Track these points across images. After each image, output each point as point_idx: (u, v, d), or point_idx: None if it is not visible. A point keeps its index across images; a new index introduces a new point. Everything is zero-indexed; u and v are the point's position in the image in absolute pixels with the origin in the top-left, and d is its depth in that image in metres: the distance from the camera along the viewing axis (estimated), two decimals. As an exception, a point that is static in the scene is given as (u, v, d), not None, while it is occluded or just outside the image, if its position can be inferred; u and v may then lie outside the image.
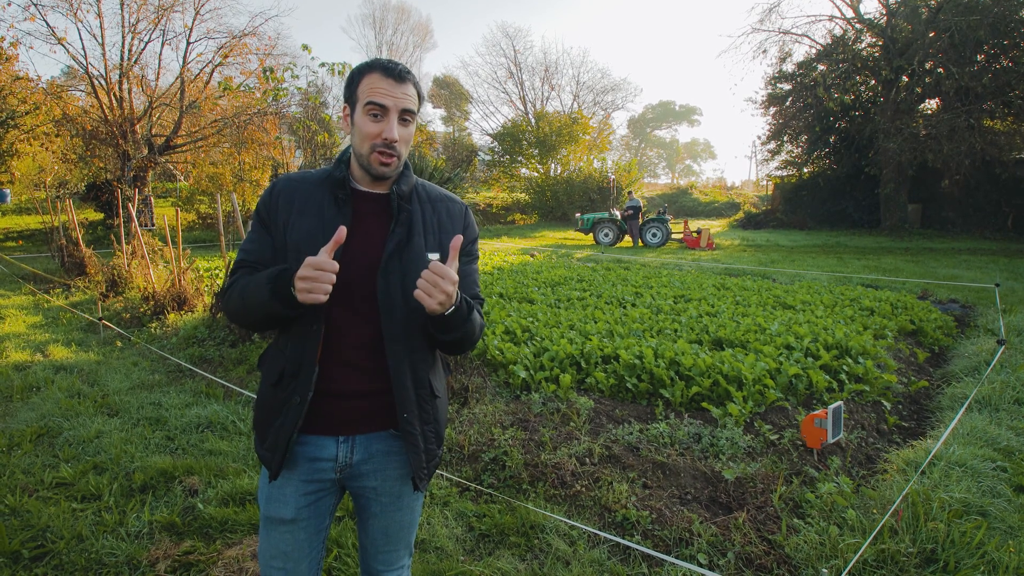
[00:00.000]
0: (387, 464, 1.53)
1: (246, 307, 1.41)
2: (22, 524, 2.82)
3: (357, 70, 1.43)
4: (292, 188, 1.50)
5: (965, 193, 21.67)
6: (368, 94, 1.38)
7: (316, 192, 1.48)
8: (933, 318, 6.81)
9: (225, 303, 1.51)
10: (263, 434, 1.50)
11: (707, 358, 4.44)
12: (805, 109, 23.83)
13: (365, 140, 1.41)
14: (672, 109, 74.60)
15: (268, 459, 1.48)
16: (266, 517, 1.51)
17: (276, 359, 1.49)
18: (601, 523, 2.80)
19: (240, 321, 1.48)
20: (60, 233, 11.72)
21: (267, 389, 1.50)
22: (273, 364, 1.50)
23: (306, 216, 1.46)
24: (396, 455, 1.53)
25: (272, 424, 1.47)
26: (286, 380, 1.45)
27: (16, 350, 5.93)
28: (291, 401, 1.43)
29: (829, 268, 12.16)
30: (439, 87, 49.21)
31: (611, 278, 9.71)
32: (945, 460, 3.24)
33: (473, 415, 3.84)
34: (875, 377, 4.48)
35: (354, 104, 1.42)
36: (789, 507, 2.88)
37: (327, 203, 1.46)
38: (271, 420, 1.47)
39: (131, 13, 18.67)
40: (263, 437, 1.50)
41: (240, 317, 1.46)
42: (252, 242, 1.51)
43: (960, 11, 18.20)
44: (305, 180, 1.52)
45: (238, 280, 1.47)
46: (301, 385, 1.42)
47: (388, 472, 1.54)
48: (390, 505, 1.57)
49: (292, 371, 1.44)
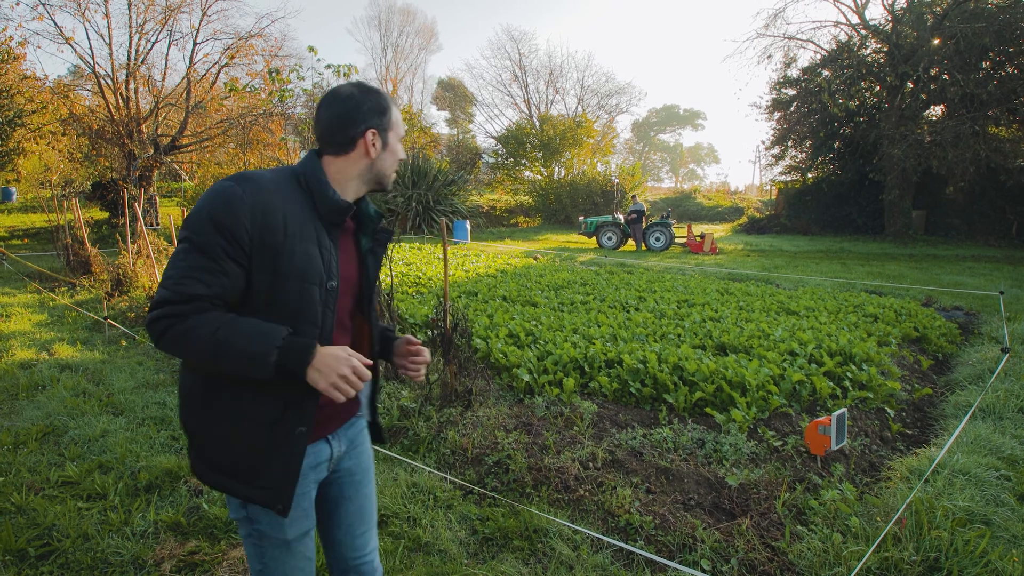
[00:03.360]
0: (359, 442, 1.65)
1: (218, 355, 1.27)
2: (28, 522, 2.83)
3: (387, 102, 1.49)
4: (267, 200, 1.33)
5: (969, 200, 21.63)
6: (399, 126, 1.52)
7: (297, 208, 1.38)
8: (937, 325, 6.80)
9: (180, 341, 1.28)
10: (254, 476, 1.39)
11: (711, 363, 4.45)
12: (810, 114, 23.82)
13: (396, 163, 1.54)
14: (676, 113, 74.67)
15: (272, 497, 1.39)
16: (290, 540, 1.47)
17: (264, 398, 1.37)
18: (605, 528, 2.81)
19: (192, 361, 1.35)
20: (66, 232, 11.76)
21: (256, 430, 1.38)
22: (261, 404, 1.37)
23: (305, 241, 1.36)
24: (361, 430, 1.67)
25: (271, 463, 1.38)
26: (290, 414, 1.38)
27: (22, 348, 5.96)
28: (295, 433, 1.38)
29: (833, 274, 12.14)
30: (444, 89, 49.34)
31: (614, 282, 9.72)
32: (949, 468, 3.24)
33: (477, 418, 3.85)
34: (879, 384, 4.48)
35: (386, 131, 1.49)
36: (792, 514, 2.88)
37: (316, 226, 1.40)
38: (268, 460, 1.38)
39: (138, 13, 18.77)
40: (254, 478, 1.39)
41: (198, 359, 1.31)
42: (210, 273, 1.28)
43: (966, 18, 18.19)
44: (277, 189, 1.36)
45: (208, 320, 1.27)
46: (307, 414, 1.39)
47: (361, 449, 1.66)
48: (363, 479, 1.66)
49: (296, 402, 1.38)
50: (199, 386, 1.40)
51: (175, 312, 1.27)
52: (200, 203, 1.32)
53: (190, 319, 1.27)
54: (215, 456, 1.41)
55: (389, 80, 45.38)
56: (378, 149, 1.47)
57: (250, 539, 1.49)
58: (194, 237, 1.29)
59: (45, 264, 12.19)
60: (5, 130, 16.23)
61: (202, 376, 1.39)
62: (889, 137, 20.02)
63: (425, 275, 10.11)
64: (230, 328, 1.27)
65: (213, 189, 1.33)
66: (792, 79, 24.40)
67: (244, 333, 1.27)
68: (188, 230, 1.30)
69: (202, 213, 1.30)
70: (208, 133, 19.88)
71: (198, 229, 1.29)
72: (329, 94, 1.48)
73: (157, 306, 1.28)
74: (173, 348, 1.30)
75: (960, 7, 18.80)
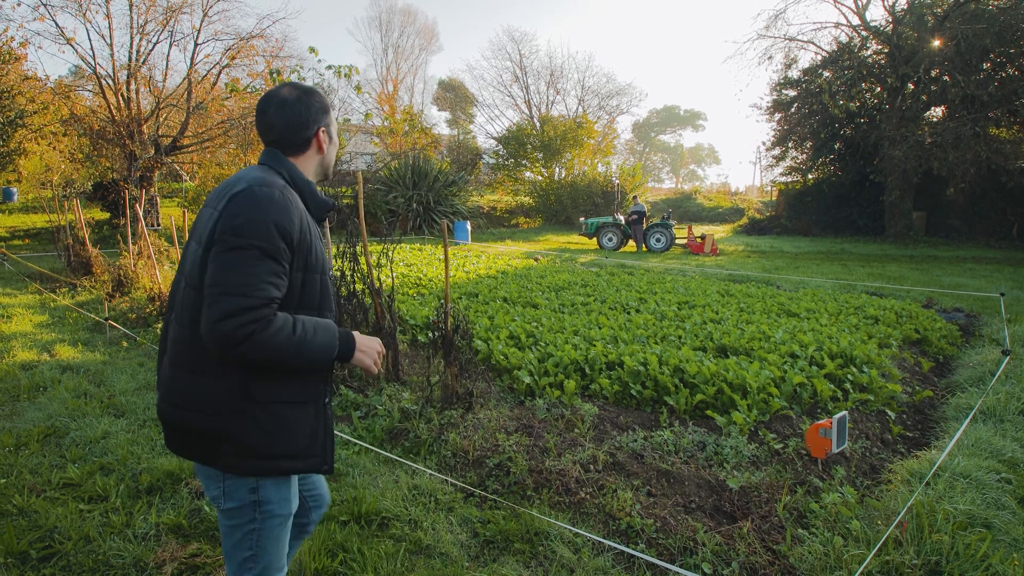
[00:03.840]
0: None
1: (300, 352, 1.43)
2: (30, 524, 2.84)
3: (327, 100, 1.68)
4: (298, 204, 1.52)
5: (970, 201, 21.64)
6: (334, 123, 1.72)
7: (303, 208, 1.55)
8: (938, 327, 6.80)
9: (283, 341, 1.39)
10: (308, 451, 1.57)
11: (711, 366, 4.45)
12: (810, 115, 23.83)
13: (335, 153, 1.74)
14: (677, 114, 74.69)
15: (320, 462, 1.61)
16: (287, 514, 1.63)
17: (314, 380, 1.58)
18: (606, 531, 2.81)
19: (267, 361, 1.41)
20: (67, 232, 11.78)
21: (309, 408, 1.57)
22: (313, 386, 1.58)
23: (315, 238, 1.53)
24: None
25: (319, 433, 1.60)
26: (325, 389, 1.62)
27: (23, 349, 5.96)
28: (328, 404, 1.64)
29: (833, 275, 12.14)
30: (444, 90, 49.34)
31: (615, 283, 9.72)
32: (950, 471, 3.23)
33: (478, 420, 3.85)
34: (880, 387, 4.48)
35: (330, 126, 1.68)
36: (793, 517, 2.88)
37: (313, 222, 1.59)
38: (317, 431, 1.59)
39: (140, 14, 18.79)
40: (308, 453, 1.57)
41: (277, 359, 1.41)
42: (280, 277, 1.42)
43: (966, 19, 18.19)
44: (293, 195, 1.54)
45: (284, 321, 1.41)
46: (329, 387, 1.66)
47: None
48: None
49: (327, 379, 1.63)
50: (235, 386, 1.46)
51: (259, 317, 1.36)
52: (256, 211, 1.40)
53: (273, 322, 1.38)
54: (270, 444, 1.50)
55: (390, 80, 45.39)
56: (327, 144, 1.67)
57: (250, 524, 1.56)
58: (264, 245, 1.38)
59: (46, 265, 12.20)
60: (6, 131, 16.24)
61: (238, 376, 1.46)
62: (890, 138, 20.03)
63: (426, 276, 10.12)
64: (303, 327, 1.44)
65: (263, 196, 1.42)
66: (793, 80, 24.41)
67: (314, 329, 1.46)
68: (254, 238, 1.38)
69: (265, 222, 1.39)
70: (209, 134, 19.89)
71: (266, 237, 1.39)
72: (276, 100, 1.58)
73: (237, 313, 1.33)
74: (256, 351, 1.37)
75: (961, 8, 18.81)
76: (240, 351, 1.35)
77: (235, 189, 1.46)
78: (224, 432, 1.47)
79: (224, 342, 1.34)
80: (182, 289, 1.53)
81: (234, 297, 1.34)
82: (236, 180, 1.51)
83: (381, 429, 3.87)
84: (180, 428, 1.52)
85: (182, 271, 1.57)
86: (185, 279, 1.53)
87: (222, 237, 1.39)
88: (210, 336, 1.35)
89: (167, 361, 1.55)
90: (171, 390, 1.53)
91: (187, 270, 1.53)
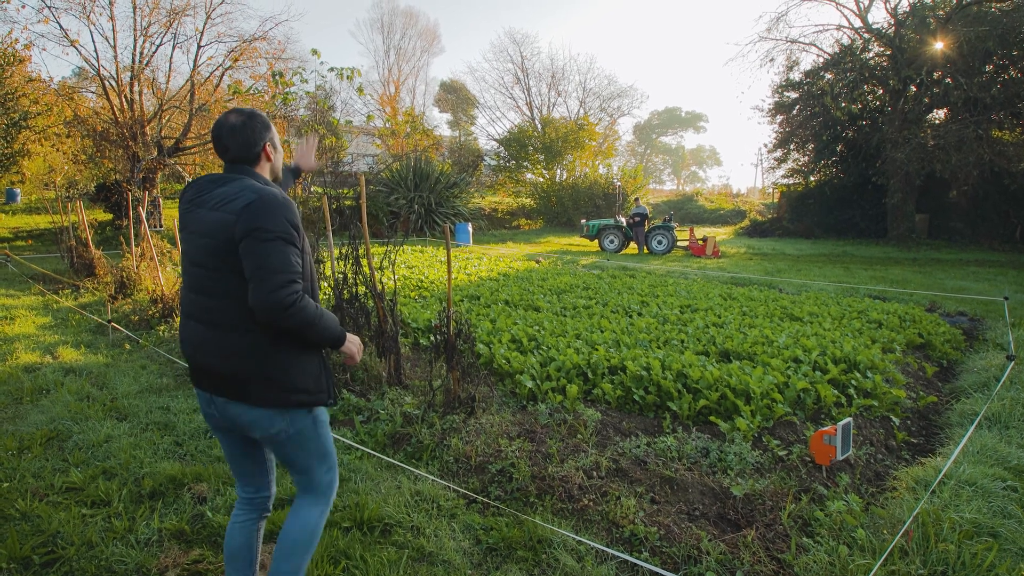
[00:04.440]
0: None
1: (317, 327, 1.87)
2: (33, 529, 2.83)
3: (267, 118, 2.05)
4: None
5: (973, 204, 21.58)
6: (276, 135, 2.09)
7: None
8: (941, 331, 6.78)
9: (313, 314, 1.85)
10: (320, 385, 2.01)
11: (714, 371, 4.43)
12: (812, 118, 23.79)
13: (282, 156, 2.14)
14: (678, 115, 74.64)
15: (328, 395, 2.04)
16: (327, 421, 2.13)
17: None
18: (609, 538, 2.80)
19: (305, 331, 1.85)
20: (70, 234, 11.80)
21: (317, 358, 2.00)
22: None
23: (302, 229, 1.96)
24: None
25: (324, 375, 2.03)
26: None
27: (26, 351, 5.97)
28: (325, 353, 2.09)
29: (836, 278, 12.12)
30: (446, 92, 49.35)
31: (617, 286, 9.70)
32: (955, 479, 3.22)
33: (480, 425, 3.84)
34: (884, 392, 4.46)
35: (274, 138, 2.05)
36: (798, 525, 2.87)
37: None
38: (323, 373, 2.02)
39: (143, 16, 18.82)
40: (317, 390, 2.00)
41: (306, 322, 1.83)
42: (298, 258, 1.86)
43: (969, 21, 18.16)
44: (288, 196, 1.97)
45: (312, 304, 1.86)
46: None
47: None
48: None
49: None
50: (264, 339, 1.88)
51: (297, 287, 1.81)
52: (273, 212, 1.81)
53: (305, 297, 1.84)
54: (294, 381, 1.93)
55: (392, 82, 45.42)
56: (273, 154, 2.06)
57: (313, 432, 2.04)
58: (285, 236, 1.82)
59: (49, 266, 12.22)
60: (10, 132, 16.25)
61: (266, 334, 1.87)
62: (892, 141, 19.99)
63: (427, 279, 10.11)
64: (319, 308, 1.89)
65: (277, 199, 1.84)
66: (794, 82, 24.37)
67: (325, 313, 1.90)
68: (277, 231, 1.80)
69: (284, 219, 1.83)
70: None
71: (285, 230, 1.82)
72: (227, 127, 1.95)
73: (285, 284, 1.77)
74: (296, 317, 1.79)
75: (963, 11, 18.78)
76: (287, 314, 1.77)
77: (248, 198, 1.82)
78: (253, 373, 1.88)
79: (277, 307, 1.76)
80: (206, 274, 1.90)
81: (278, 274, 1.77)
82: (240, 190, 1.87)
83: (383, 434, 3.86)
84: (217, 372, 1.92)
85: (196, 264, 1.93)
86: (198, 264, 1.92)
87: (253, 234, 1.78)
88: (264, 304, 1.75)
89: (201, 325, 1.94)
90: (209, 345, 1.92)
91: (198, 258, 1.91)
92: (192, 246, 1.93)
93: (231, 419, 1.96)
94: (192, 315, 1.97)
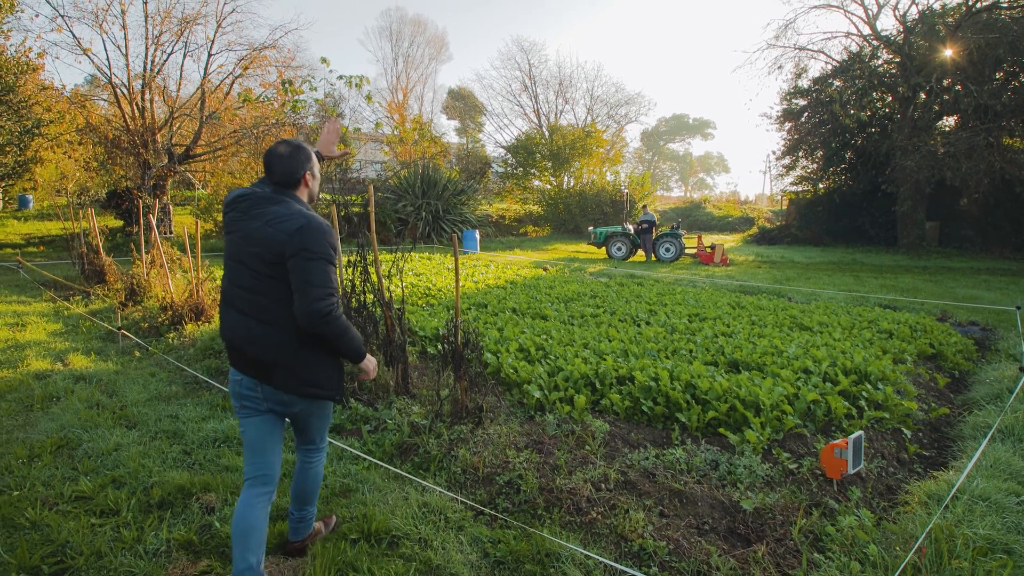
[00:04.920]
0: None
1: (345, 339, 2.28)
2: (42, 538, 2.84)
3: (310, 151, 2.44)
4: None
5: (984, 211, 21.41)
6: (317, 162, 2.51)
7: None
8: (953, 342, 6.72)
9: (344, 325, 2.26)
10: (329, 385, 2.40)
11: (723, 381, 4.40)
12: (821, 125, 23.72)
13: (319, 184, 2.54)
14: (686, 122, 74.63)
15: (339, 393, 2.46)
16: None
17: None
18: (618, 552, 2.78)
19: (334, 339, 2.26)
20: (81, 240, 11.90)
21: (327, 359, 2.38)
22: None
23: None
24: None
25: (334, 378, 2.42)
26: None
27: (37, 358, 6.01)
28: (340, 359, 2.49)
29: (846, 287, 12.04)
30: (454, 99, 49.59)
31: (624, 294, 9.68)
32: (968, 494, 3.18)
33: (487, 436, 3.83)
34: (895, 404, 4.42)
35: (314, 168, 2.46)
36: (809, 540, 2.84)
37: None
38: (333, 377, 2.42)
39: (155, 25, 19.03)
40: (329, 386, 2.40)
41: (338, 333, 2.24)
42: (334, 273, 2.27)
43: (979, 29, 18.08)
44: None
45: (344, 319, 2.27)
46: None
47: None
48: None
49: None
50: (294, 337, 2.26)
51: (335, 300, 2.21)
52: (319, 236, 2.20)
53: (339, 310, 2.23)
54: (312, 376, 2.33)
55: (400, 89, 45.68)
56: (311, 181, 2.45)
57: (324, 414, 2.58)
58: (327, 256, 2.21)
59: (60, 272, 12.33)
60: (23, 140, 16.45)
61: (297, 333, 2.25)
62: (902, 148, 19.89)
63: (435, 286, 10.12)
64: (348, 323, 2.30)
65: (322, 226, 2.23)
66: (803, 89, 24.34)
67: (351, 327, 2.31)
68: (320, 253, 2.19)
69: (327, 242, 2.22)
70: (221, 143, 20.07)
71: (326, 252, 2.22)
72: (276, 156, 2.35)
73: (325, 297, 2.17)
74: (331, 325, 2.20)
75: (973, 18, 18.71)
76: (324, 321, 2.17)
77: (299, 223, 2.20)
78: (280, 363, 2.27)
79: (316, 315, 2.15)
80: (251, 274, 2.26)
81: (320, 288, 2.17)
82: (291, 214, 2.25)
83: (391, 444, 3.86)
84: (251, 357, 2.29)
85: (242, 263, 2.29)
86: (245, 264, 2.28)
87: (301, 254, 2.17)
88: (306, 312, 2.15)
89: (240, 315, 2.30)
90: (247, 332, 2.28)
91: (247, 260, 2.27)
92: (240, 249, 2.29)
93: (264, 394, 2.33)
94: (233, 304, 2.33)
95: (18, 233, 21.28)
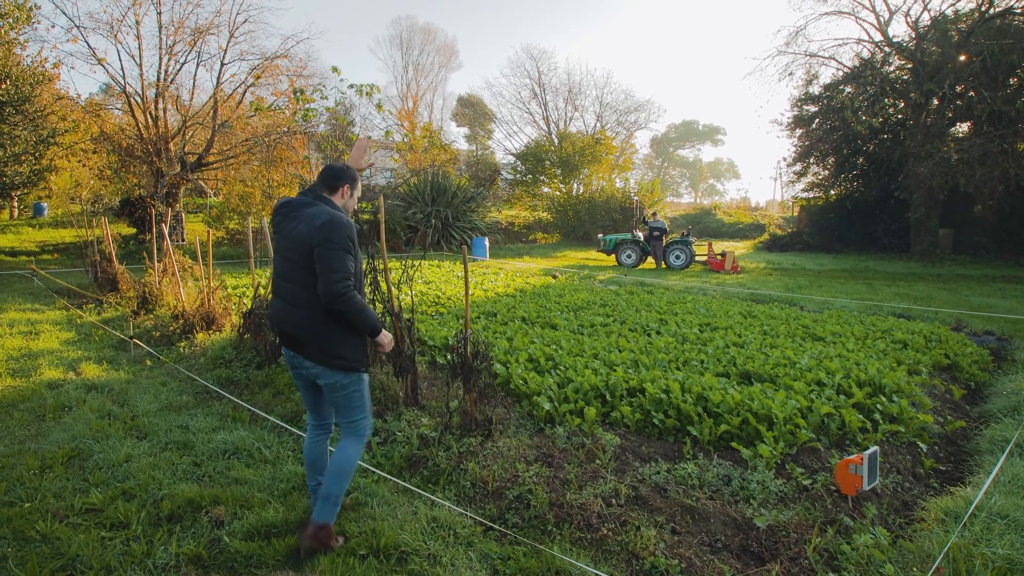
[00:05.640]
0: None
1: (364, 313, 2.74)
2: (52, 552, 2.85)
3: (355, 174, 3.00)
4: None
5: (999, 218, 21.13)
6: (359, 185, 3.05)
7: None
8: (968, 352, 6.62)
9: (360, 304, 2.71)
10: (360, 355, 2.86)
11: (736, 394, 4.35)
12: (832, 131, 23.55)
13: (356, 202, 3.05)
14: (695, 129, 74.41)
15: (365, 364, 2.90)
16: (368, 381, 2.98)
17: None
18: (629, 571, 2.74)
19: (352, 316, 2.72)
20: (94, 248, 12.02)
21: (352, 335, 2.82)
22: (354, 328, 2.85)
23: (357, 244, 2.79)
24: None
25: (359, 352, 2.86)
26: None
27: (50, 367, 6.06)
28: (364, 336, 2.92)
29: (859, 295, 11.91)
30: (463, 106, 49.80)
31: (635, 303, 9.63)
32: (986, 511, 3.11)
33: (497, 449, 3.80)
34: (910, 417, 4.35)
35: (354, 187, 2.99)
36: (824, 559, 2.79)
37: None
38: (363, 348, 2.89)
39: (168, 36, 19.29)
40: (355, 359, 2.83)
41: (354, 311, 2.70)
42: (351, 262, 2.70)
43: (992, 35, 17.92)
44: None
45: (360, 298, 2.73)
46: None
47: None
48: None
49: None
50: (320, 317, 2.73)
51: (350, 283, 2.65)
52: (340, 229, 2.66)
53: (355, 291, 2.69)
54: (337, 350, 2.77)
55: (410, 97, 45.95)
56: (347, 195, 2.95)
57: (355, 388, 2.88)
58: (345, 247, 2.66)
59: (74, 280, 12.46)
60: (39, 149, 16.67)
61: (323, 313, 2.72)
62: (915, 155, 19.70)
63: (444, 294, 10.12)
64: (364, 302, 2.75)
65: (343, 220, 2.70)
66: (814, 96, 24.19)
67: (367, 307, 2.75)
68: (340, 244, 2.64)
69: (345, 235, 2.67)
70: (233, 151, 20.26)
71: (345, 243, 2.66)
72: (330, 166, 2.94)
73: (343, 280, 2.62)
74: (348, 303, 2.65)
75: (986, 24, 18.54)
76: (341, 301, 2.63)
77: (324, 218, 2.67)
78: (310, 339, 2.76)
79: (335, 294, 2.61)
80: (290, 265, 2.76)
81: (339, 272, 2.62)
82: (319, 212, 2.73)
83: (400, 456, 3.84)
84: (290, 335, 2.81)
85: (284, 257, 2.80)
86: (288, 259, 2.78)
87: (324, 244, 2.63)
88: (327, 292, 2.61)
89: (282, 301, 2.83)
90: (288, 316, 2.80)
91: (289, 255, 2.76)
92: (284, 246, 2.80)
93: (304, 368, 2.82)
94: (278, 294, 2.87)
95: (33, 240, 21.55)
